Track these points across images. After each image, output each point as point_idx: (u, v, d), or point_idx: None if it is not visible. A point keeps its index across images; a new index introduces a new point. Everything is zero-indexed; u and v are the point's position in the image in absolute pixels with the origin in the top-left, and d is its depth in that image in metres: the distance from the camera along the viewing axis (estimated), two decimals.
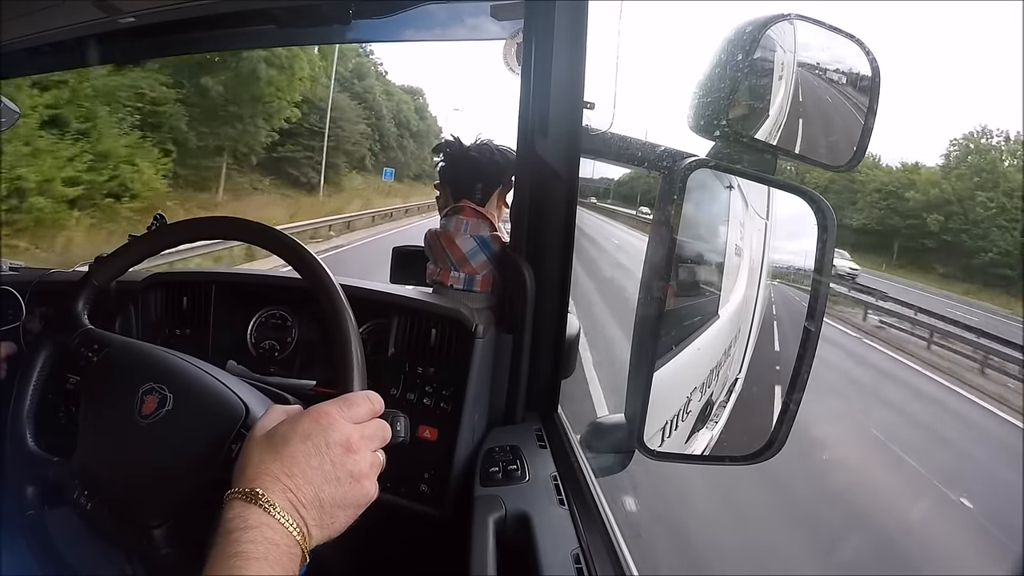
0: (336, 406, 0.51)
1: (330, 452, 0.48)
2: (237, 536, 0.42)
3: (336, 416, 0.50)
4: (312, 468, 0.47)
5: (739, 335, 1.04)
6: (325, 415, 0.50)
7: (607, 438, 0.83)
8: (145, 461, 0.58)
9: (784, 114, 0.76)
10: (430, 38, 1.12)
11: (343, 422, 0.50)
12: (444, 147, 1.01)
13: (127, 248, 0.76)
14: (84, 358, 0.66)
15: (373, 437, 0.52)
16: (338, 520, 0.48)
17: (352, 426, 0.50)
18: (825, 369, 4.74)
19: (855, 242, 18.96)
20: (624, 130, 0.83)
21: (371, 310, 0.88)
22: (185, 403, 0.60)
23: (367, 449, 0.50)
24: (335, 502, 0.47)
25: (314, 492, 0.46)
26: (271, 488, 0.45)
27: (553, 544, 0.61)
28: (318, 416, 0.50)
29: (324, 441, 0.48)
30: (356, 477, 0.49)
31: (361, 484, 0.49)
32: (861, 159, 0.73)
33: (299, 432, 0.48)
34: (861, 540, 2.90)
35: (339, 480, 0.48)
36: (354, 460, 0.49)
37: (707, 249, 0.93)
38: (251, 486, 0.45)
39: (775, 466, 0.74)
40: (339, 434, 0.49)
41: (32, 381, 0.67)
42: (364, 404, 0.53)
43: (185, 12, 1.04)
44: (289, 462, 0.47)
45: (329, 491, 0.47)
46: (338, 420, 0.50)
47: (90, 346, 0.67)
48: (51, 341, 0.69)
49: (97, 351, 0.66)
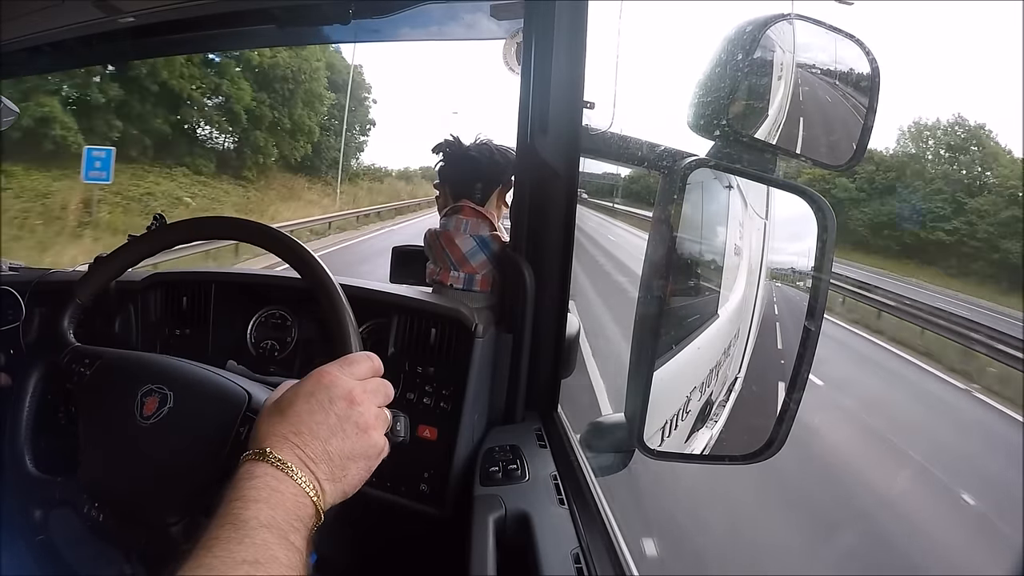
0: (336, 364, 0.52)
1: (334, 407, 0.49)
2: (241, 484, 0.43)
3: (337, 373, 0.51)
4: (317, 423, 0.48)
5: (739, 334, 1.04)
6: (327, 374, 0.51)
7: (607, 437, 0.83)
8: (153, 462, 0.58)
9: (784, 114, 0.76)
10: (430, 37, 1.13)
11: (344, 378, 0.51)
12: (444, 147, 1.01)
13: (126, 249, 0.76)
14: (76, 374, 0.66)
15: (376, 392, 0.53)
16: (350, 473, 0.48)
17: (354, 381, 0.51)
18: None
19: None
20: (624, 130, 0.83)
21: (371, 310, 0.88)
22: (186, 399, 0.60)
23: (370, 402, 0.51)
24: (344, 454, 0.48)
25: (322, 446, 0.47)
26: (279, 446, 0.46)
27: (553, 544, 0.61)
28: (320, 376, 0.51)
29: (327, 397, 0.49)
30: (362, 428, 0.49)
31: (368, 434, 0.50)
32: (861, 158, 0.73)
33: (302, 393, 0.49)
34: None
35: (345, 432, 0.48)
36: (358, 412, 0.49)
37: (707, 249, 0.93)
38: (260, 447, 0.46)
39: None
40: (341, 389, 0.50)
41: (26, 405, 0.67)
42: (364, 362, 0.54)
43: (185, 12, 1.04)
44: (295, 421, 0.47)
45: (337, 444, 0.48)
46: (339, 376, 0.51)
47: (81, 361, 0.66)
48: (41, 363, 0.68)
49: (89, 365, 0.66)
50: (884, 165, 14.96)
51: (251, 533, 0.40)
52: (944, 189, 14.12)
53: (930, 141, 15.47)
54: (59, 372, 0.67)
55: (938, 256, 13.03)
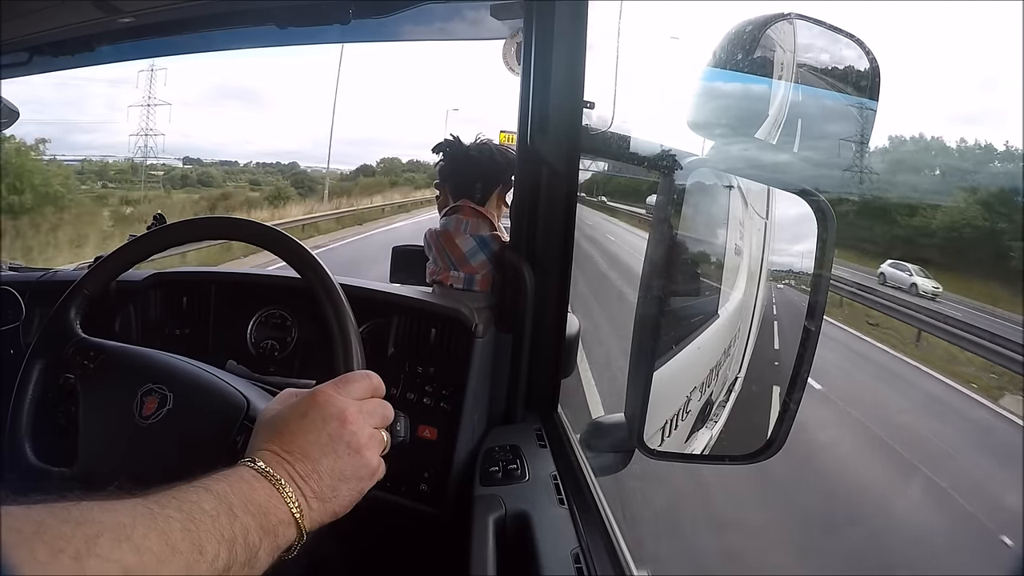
0: (333, 384, 0.52)
1: (327, 426, 0.48)
2: (214, 476, 0.42)
3: (332, 393, 0.50)
4: (309, 443, 0.47)
5: (739, 334, 1.04)
6: (321, 393, 0.50)
7: (607, 437, 0.83)
8: (150, 462, 0.58)
9: (784, 114, 0.76)
10: (430, 37, 1.13)
11: (339, 398, 0.50)
12: (444, 146, 1.01)
13: (127, 248, 0.76)
14: (80, 367, 0.66)
15: (372, 413, 0.52)
16: (340, 493, 0.48)
17: (349, 400, 0.51)
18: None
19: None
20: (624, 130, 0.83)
21: (371, 310, 0.88)
22: (185, 401, 0.60)
23: (365, 423, 0.50)
24: (335, 474, 0.47)
25: (312, 465, 0.46)
26: (270, 462, 0.45)
27: (553, 544, 0.61)
28: (315, 395, 0.50)
29: (320, 416, 0.48)
30: (354, 448, 0.48)
31: (361, 455, 0.49)
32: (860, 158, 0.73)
33: (297, 412, 0.49)
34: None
35: (337, 452, 0.48)
36: (351, 432, 0.49)
37: (707, 248, 0.93)
38: (252, 459, 0.46)
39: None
40: (335, 408, 0.49)
41: (28, 395, 0.66)
42: (362, 381, 0.53)
43: (185, 12, 1.04)
44: (287, 439, 0.47)
45: (328, 463, 0.47)
46: (334, 396, 0.50)
47: (85, 354, 0.66)
48: (45, 353, 0.68)
49: (93, 359, 0.66)
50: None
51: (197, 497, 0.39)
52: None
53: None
54: (62, 363, 0.67)
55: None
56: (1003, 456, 3.54)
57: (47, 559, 0.29)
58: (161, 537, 0.35)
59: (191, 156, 22.15)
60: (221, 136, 43.15)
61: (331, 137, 23.21)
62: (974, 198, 5.11)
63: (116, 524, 0.33)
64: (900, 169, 5.85)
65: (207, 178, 21.27)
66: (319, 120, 44.27)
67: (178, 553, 0.35)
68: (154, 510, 0.36)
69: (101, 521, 0.33)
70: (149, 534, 0.34)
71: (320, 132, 41.89)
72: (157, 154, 19.33)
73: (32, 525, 0.30)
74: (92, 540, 0.31)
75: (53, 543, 0.30)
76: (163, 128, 19.33)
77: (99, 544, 0.32)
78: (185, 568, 0.35)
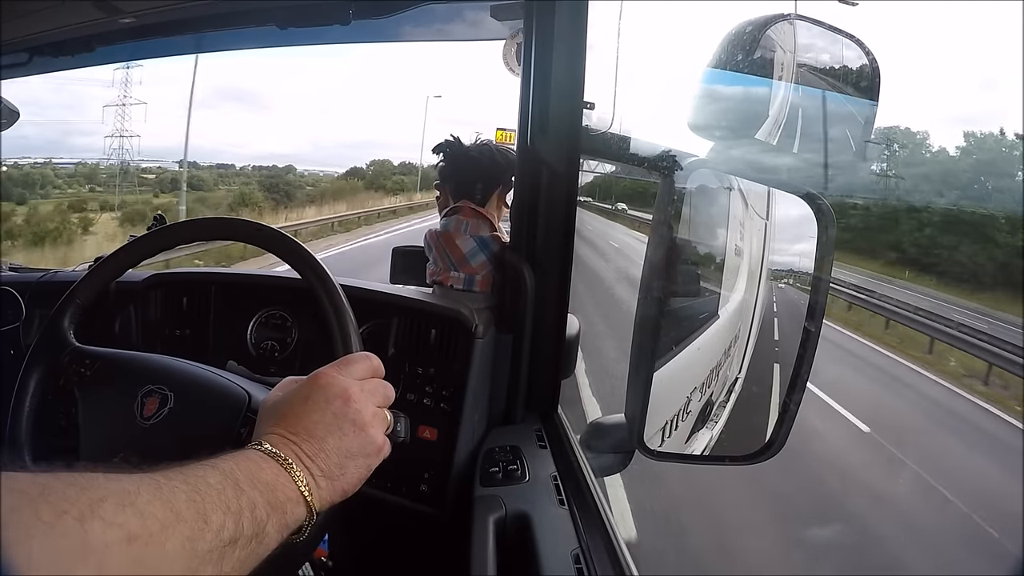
0: (334, 366, 0.52)
1: (330, 405, 0.48)
2: (221, 456, 0.42)
3: (333, 373, 0.51)
4: (314, 423, 0.47)
5: (739, 335, 1.04)
6: (323, 375, 0.51)
7: (607, 438, 0.83)
8: (154, 462, 0.58)
9: (784, 114, 0.76)
10: (430, 37, 1.13)
11: (341, 378, 0.51)
12: (444, 147, 1.01)
13: (126, 249, 0.76)
14: (77, 374, 0.66)
15: (374, 392, 0.52)
16: (348, 471, 0.48)
17: (351, 380, 0.51)
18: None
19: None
20: (624, 130, 0.83)
21: (371, 310, 0.88)
22: (186, 399, 0.60)
23: (367, 401, 0.51)
24: (342, 452, 0.47)
25: (318, 444, 0.47)
26: (276, 444, 0.45)
27: (553, 544, 0.61)
28: (316, 378, 0.51)
29: (323, 397, 0.49)
30: (359, 425, 0.49)
31: (366, 432, 0.49)
32: (861, 158, 0.73)
33: (299, 396, 0.49)
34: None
35: (342, 430, 0.48)
36: (355, 410, 0.49)
37: (707, 249, 0.93)
38: (259, 442, 0.46)
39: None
40: (337, 388, 0.49)
41: (26, 404, 0.66)
42: (362, 362, 0.54)
43: (185, 12, 1.04)
44: (292, 421, 0.47)
45: (334, 442, 0.47)
46: (336, 376, 0.50)
47: (81, 362, 0.66)
48: (41, 363, 0.68)
49: (89, 366, 0.66)
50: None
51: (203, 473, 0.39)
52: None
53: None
54: (59, 372, 0.67)
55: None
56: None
57: (51, 519, 0.29)
58: (166, 505, 0.35)
59: (190, 159, 22.03)
60: (220, 138, 43.16)
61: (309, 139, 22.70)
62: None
63: (121, 490, 0.34)
64: (900, 169, 5.77)
65: (198, 181, 20.98)
66: (318, 122, 44.31)
67: (182, 521, 0.35)
68: (159, 481, 0.37)
69: (106, 487, 0.33)
70: (153, 501, 0.34)
71: (319, 134, 41.96)
72: (133, 156, 19.07)
73: (37, 488, 0.30)
74: (96, 503, 0.32)
75: (57, 504, 0.30)
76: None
77: (103, 508, 0.32)
78: (189, 535, 0.35)
